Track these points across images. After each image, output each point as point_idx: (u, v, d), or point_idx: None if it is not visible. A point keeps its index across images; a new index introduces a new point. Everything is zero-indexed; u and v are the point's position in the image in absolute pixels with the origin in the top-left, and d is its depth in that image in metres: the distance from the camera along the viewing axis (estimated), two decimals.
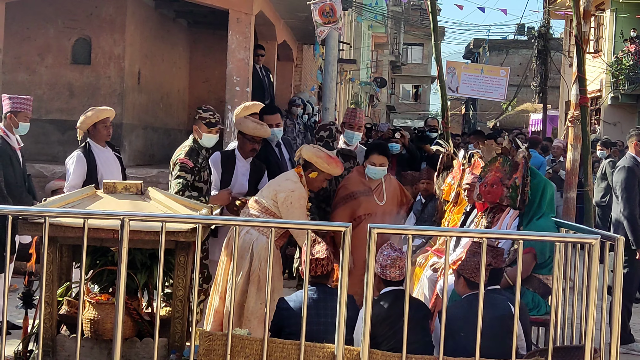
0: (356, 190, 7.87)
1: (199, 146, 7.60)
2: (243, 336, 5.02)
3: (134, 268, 5.60)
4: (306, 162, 7.18)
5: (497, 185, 6.98)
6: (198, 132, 7.62)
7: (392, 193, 7.96)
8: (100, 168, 8.27)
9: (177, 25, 17.14)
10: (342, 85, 30.56)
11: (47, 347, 5.42)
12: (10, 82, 13.37)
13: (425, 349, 5.33)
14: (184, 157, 7.45)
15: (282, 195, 6.96)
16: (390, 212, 7.83)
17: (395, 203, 7.95)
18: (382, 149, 8.02)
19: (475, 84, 24.90)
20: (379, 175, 7.87)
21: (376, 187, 7.90)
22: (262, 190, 7.21)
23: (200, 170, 7.49)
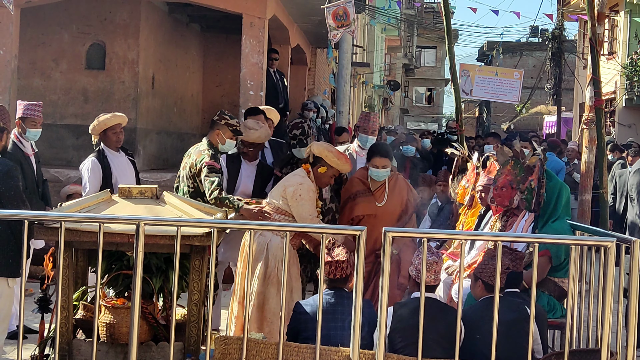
0: (356, 192, 7.87)
1: (215, 150, 7.59)
2: (258, 340, 5.02)
3: (149, 272, 5.61)
4: (315, 158, 7.24)
5: (507, 188, 6.98)
6: (221, 137, 7.59)
7: (396, 194, 7.88)
8: (115, 173, 8.32)
9: (190, 29, 17.17)
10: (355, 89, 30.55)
11: (64, 351, 5.44)
12: (26, 87, 13.43)
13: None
14: (211, 160, 7.38)
15: (291, 190, 7.02)
16: (391, 213, 7.75)
17: (397, 204, 7.85)
18: (384, 151, 8.00)
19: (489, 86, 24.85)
20: (381, 178, 7.83)
21: (378, 188, 7.87)
22: (271, 192, 7.24)
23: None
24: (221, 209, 6.08)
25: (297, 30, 16.99)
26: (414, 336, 4.88)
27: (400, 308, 5.49)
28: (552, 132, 33.40)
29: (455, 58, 11.78)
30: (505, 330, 5.21)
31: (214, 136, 7.61)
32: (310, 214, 7.03)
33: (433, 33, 53.23)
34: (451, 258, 7.62)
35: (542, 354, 5.72)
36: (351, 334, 4.79)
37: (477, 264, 6.97)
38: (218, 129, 7.59)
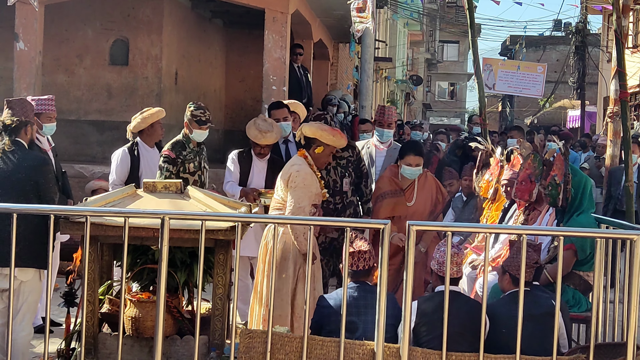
0: (386, 191, 7.85)
1: (187, 140, 8.07)
2: (283, 333, 5.03)
3: (174, 266, 5.64)
4: (309, 140, 7.17)
5: (526, 182, 6.98)
6: (189, 128, 8.05)
7: (425, 193, 7.86)
8: (143, 167, 8.39)
9: (213, 25, 17.20)
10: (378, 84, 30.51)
11: (89, 344, 5.48)
12: (50, 83, 13.50)
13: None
14: (167, 149, 7.98)
15: (286, 178, 6.95)
16: (421, 213, 7.74)
17: (427, 203, 7.83)
18: (418, 149, 7.98)
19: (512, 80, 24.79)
20: (413, 176, 7.83)
21: (408, 187, 7.86)
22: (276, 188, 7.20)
23: (184, 162, 7.96)
24: (245, 204, 6.09)
25: (319, 25, 16.98)
26: (439, 330, 4.87)
27: (424, 302, 5.48)
28: (575, 127, 33.22)
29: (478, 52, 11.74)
30: (532, 324, 5.19)
31: (185, 128, 8.09)
32: (300, 203, 6.82)
33: (456, 27, 53.01)
34: (475, 252, 7.60)
35: (567, 348, 5.70)
36: (375, 328, 4.79)
37: (502, 258, 6.95)
38: (186, 120, 8.06)
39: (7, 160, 6.10)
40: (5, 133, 6.21)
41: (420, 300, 5.52)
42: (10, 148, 6.14)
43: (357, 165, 8.19)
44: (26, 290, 6.09)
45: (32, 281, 6.10)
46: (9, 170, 6.07)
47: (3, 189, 5.99)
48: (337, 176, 8.02)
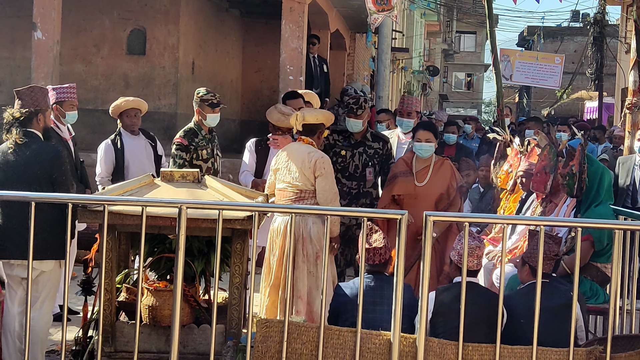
0: (397, 172, 7.85)
1: (198, 127, 8.03)
2: (300, 323, 5.04)
3: (191, 255, 5.66)
4: (313, 127, 7.11)
5: (541, 173, 6.98)
6: (201, 113, 8.01)
7: (439, 177, 7.76)
8: (128, 157, 8.47)
9: (230, 15, 17.20)
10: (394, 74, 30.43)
11: (107, 333, 5.50)
12: (67, 73, 13.54)
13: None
14: (179, 137, 7.96)
15: (310, 166, 6.86)
16: (430, 195, 7.66)
17: (438, 187, 7.68)
18: (427, 125, 7.95)
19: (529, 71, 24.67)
20: (425, 152, 7.72)
21: (422, 169, 7.80)
22: (283, 176, 6.99)
23: (197, 149, 7.95)
24: (262, 193, 6.10)
25: (336, 15, 16.94)
26: (456, 321, 4.87)
27: (442, 293, 5.48)
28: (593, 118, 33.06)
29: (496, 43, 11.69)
30: (550, 315, 5.18)
31: (196, 115, 8.05)
32: (335, 188, 6.92)
33: (473, 18, 52.79)
34: (492, 243, 7.59)
35: (585, 339, 5.69)
36: (392, 318, 4.79)
37: (519, 249, 6.94)
38: (197, 107, 8.03)
39: (20, 154, 6.05)
40: (16, 125, 6.17)
41: (437, 291, 5.52)
42: (23, 140, 6.08)
43: (385, 160, 8.19)
44: (45, 279, 6.11)
45: (52, 270, 6.13)
46: (22, 163, 6.03)
47: (18, 182, 5.98)
48: (360, 162, 8.07)
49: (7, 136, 6.15)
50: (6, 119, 6.20)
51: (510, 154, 8.41)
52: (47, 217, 5.80)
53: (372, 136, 8.22)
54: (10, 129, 6.15)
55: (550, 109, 43.26)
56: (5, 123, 6.22)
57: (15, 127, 6.14)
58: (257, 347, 4.92)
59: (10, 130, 6.15)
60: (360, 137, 8.15)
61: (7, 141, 6.14)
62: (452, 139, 12.10)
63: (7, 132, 6.16)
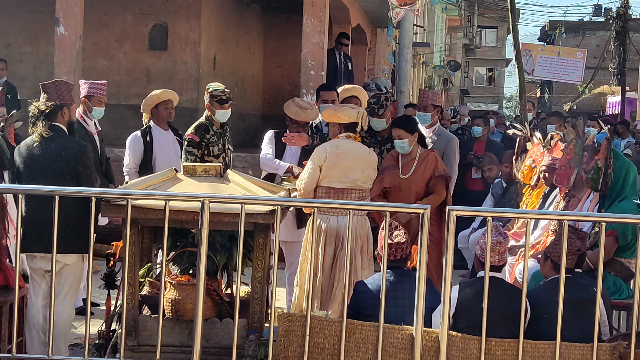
0: (385, 166, 7.83)
1: (210, 122, 8.04)
2: (322, 317, 5.04)
3: (213, 249, 5.66)
4: (355, 124, 7.11)
5: (565, 167, 6.94)
6: (211, 110, 8.03)
7: (421, 169, 7.67)
8: (156, 150, 8.48)
9: (251, 10, 17.21)
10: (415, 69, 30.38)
11: (130, 326, 5.52)
12: (90, 68, 13.59)
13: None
14: (191, 133, 7.98)
15: (372, 161, 7.07)
16: (412, 187, 7.55)
17: (419, 179, 7.58)
18: (399, 121, 7.91)
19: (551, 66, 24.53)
20: (400, 148, 7.67)
21: (407, 162, 7.76)
22: (343, 176, 6.89)
23: (208, 145, 7.96)
24: (284, 187, 6.11)
25: (357, 10, 16.92)
26: (479, 316, 4.85)
27: (464, 287, 5.46)
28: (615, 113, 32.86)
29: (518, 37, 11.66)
30: (573, 310, 5.15)
31: (207, 110, 8.08)
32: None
33: (494, 12, 52.58)
34: (514, 238, 7.56)
35: (608, 335, 5.66)
36: (414, 313, 4.78)
37: (541, 244, 6.91)
38: (207, 102, 8.05)
39: (45, 147, 6.09)
40: (42, 119, 6.21)
41: (460, 286, 5.50)
42: (48, 134, 6.12)
43: None
44: (68, 272, 6.14)
45: (75, 264, 6.16)
46: (47, 157, 6.07)
47: (43, 176, 6.02)
48: None
49: (33, 129, 6.18)
50: (32, 112, 6.24)
51: (531, 149, 8.38)
52: (71, 210, 5.84)
53: None
54: (36, 122, 6.19)
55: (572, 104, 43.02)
56: (30, 116, 6.26)
57: (40, 121, 6.17)
58: (280, 341, 4.93)
59: (35, 124, 6.18)
60: (386, 133, 8.14)
61: (33, 134, 6.18)
62: (478, 132, 12.07)
63: (33, 125, 6.20)
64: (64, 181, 6.00)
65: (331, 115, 7.10)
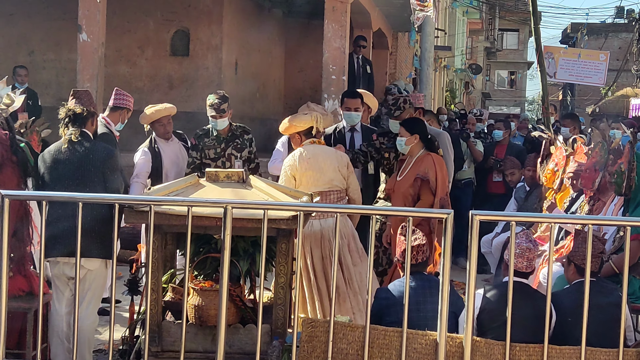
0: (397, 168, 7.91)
1: (213, 128, 8.34)
2: (345, 323, 5.03)
3: (236, 255, 5.66)
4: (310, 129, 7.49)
5: (590, 170, 6.90)
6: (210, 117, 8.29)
7: (413, 171, 7.64)
8: (165, 161, 8.58)
9: (272, 15, 17.24)
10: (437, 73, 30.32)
11: (153, 332, 5.52)
12: (112, 74, 13.66)
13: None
14: (192, 137, 8.45)
15: (345, 164, 7.32)
16: (401, 189, 7.57)
17: (408, 182, 7.60)
18: (405, 121, 7.91)
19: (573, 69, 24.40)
20: (399, 146, 7.74)
21: (405, 165, 7.73)
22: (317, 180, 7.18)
23: (204, 149, 8.27)
24: (307, 193, 6.10)
25: (378, 14, 16.91)
26: (502, 320, 4.83)
27: (489, 292, 5.44)
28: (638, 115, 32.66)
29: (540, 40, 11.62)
30: (598, 314, 5.12)
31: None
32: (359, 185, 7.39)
33: (515, 15, 52.41)
34: (538, 242, 7.52)
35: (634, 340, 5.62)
36: (438, 318, 4.76)
37: (565, 248, 6.87)
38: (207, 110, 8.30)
39: (74, 152, 6.17)
40: (73, 123, 6.28)
41: (485, 291, 5.48)
42: (78, 139, 6.21)
43: None
44: (92, 278, 6.17)
45: (98, 270, 6.19)
46: (76, 161, 6.14)
47: (70, 180, 6.07)
48: None
49: (64, 131, 6.25)
50: (63, 114, 6.30)
51: (554, 153, 8.34)
52: (97, 216, 5.87)
53: None
54: (68, 125, 6.25)
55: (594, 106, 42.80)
56: (63, 118, 6.32)
57: (72, 124, 6.24)
58: (303, 346, 4.92)
59: (67, 126, 6.25)
60: None
61: (62, 138, 6.24)
62: (499, 135, 12.04)
63: (66, 126, 6.26)
64: (92, 184, 6.07)
65: (287, 128, 7.52)
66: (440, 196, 7.48)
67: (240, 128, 8.39)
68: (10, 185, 5.98)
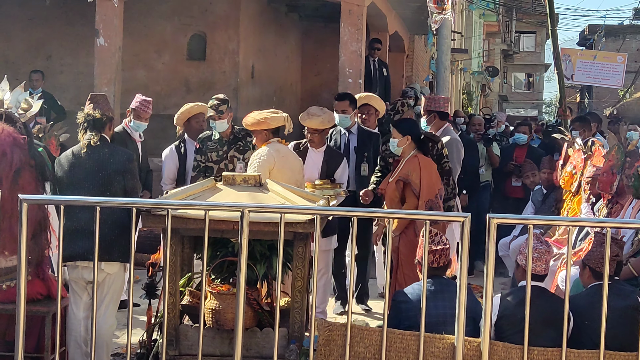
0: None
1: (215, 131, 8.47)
2: (362, 326, 5.03)
3: (253, 259, 5.67)
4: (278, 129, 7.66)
5: (607, 173, 6.88)
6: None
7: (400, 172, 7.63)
8: (189, 162, 8.64)
9: (289, 18, 17.25)
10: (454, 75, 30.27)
11: (171, 336, 5.54)
12: (129, 79, 13.70)
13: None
14: (196, 141, 8.54)
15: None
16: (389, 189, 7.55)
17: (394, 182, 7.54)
18: (397, 122, 7.91)
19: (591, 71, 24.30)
20: (391, 147, 7.70)
21: (397, 167, 7.72)
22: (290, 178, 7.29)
23: (206, 152, 8.39)
24: (324, 196, 6.11)
25: (395, 17, 16.90)
26: (521, 324, 4.81)
27: (507, 296, 5.42)
28: None
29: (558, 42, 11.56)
30: (615, 317, 5.09)
31: None
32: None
33: (532, 17, 52.20)
34: (555, 245, 7.49)
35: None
36: (455, 322, 4.75)
37: (583, 251, 6.84)
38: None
39: (94, 156, 6.20)
40: (92, 128, 6.30)
41: (502, 295, 5.46)
42: (97, 144, 6.23)
43: (436, 160, 7.93)
44: (110, 282, 6.20)
45: (117, 273, 6.21)
46: (95, 166, 6.17)
47: (89, 184, 6.10)
48: None
49: (83, 136, 6.28)
50: (82, 119, 6.33)
51: (572, 155, 8.31)
52: (116, 220, 5.89)
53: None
54: (87, 129, 6.28)
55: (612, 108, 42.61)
56: (81, 123, 6.35)
57: (91, 129, 6.27)
58: (320, 350, 4.92)
59: (86, 131, 6.28)
60: None
61: (80, 142, 6.27)
62: (523, 139, 11.97)
63: (85, 131, 6.29)
64: (111, 188, 6.11)
65: (260, 122, 7.48)
66: (426, 199, 7.28)
67: (243, 131, 8.39)
68: (29, 190, 6.01)
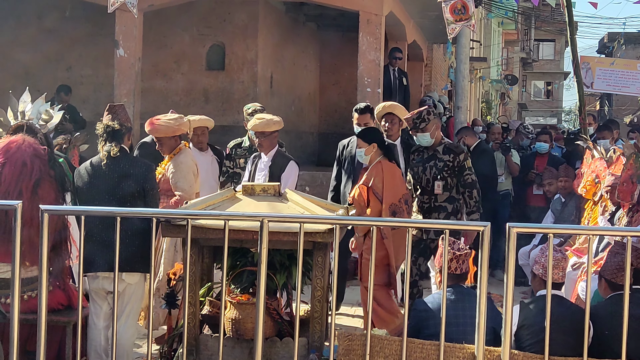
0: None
1: (248, 139, 8.84)
2: (382, 336, 5.02)
3: (273, 269, 5.68)
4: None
5: (627, 183, 6.82)
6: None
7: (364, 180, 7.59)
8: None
9: (307, 28, 17.29)
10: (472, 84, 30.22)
11: (191, 346, 5.55)
12: (148, 89, 13.78)
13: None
14: (227, 147, 9.01)
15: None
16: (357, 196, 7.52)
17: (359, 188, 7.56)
18: (361, 132, 8.00)
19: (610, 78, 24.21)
20: (359, 158, 7.84)
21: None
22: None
23: (235, 158, 8.84)
24: (343, 206, 6.11)
25: (413, 27, 16.90)
26: (541, 334, 4.79)
27: (527, 306, 5.40)
28: None
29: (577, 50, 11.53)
30: (635, 326, 5.06)
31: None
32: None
33: (551, 25, 52.07)
34: (576, 254, 7.46)
35: None
36: (475, 331, 4.73)
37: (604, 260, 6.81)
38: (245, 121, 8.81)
39: (114, 167, 6.22)
40: (112, 138, 6.33)
41: (522, 304, 5.44)
42: (117, 155, 6.26)
43: (457, 172, 7.98)
44: (130, 292, 6.22)
45: (138, 284, 6.23)
46: (115, 176, 6.19)
47: (110, 195, 6.13)
48: (430, 176, 7.97)
49: (103, 147, 6.30)
50: (102, 130, 6.35)
51: (594, 163, 8.27)
52: (137, 230, 5.91)
53: (445, 149, 8.05)
54: (107, 140, 6.30)
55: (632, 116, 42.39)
56: (100, 134, 6.37)
57: (110, 140, 6.29)
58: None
59: (106, 142, 6.30)
60: (433, 150, 8.06)
61: (100, 153, 6.29)
62: (544, 148, 11.92)
63: (105, 142, 6.31)
64: (132, 199, 6.12)
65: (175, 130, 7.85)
66: (389, 203, 7.33)
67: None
68: (49, 200, 6.04)
